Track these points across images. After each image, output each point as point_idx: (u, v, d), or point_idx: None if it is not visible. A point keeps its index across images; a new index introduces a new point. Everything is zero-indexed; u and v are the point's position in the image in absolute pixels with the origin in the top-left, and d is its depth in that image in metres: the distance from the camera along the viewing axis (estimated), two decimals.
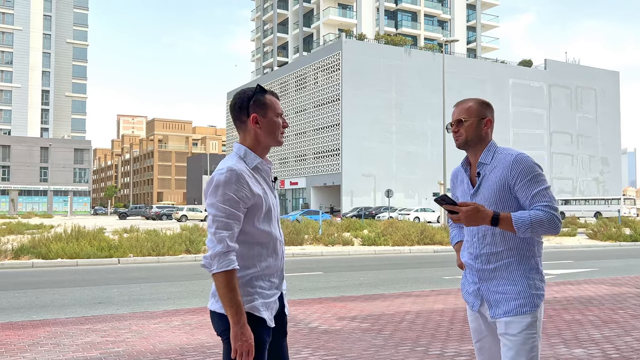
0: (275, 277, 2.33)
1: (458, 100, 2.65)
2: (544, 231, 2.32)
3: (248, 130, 2.32)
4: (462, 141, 2.54)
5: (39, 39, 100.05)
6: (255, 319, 2.22)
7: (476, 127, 2.52)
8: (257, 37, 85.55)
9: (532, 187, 2.36)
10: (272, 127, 2.31)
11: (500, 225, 2.31)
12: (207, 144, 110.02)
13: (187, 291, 9.63)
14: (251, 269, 2.25)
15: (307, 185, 60.29)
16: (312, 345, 5.40)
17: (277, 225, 2.35)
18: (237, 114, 2.32)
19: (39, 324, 6.53)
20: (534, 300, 2.40)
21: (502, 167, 2.43)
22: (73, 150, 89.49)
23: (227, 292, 2.13)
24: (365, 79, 56.74)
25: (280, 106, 2.35)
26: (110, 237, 18.66)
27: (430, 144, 58.97)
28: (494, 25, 79.68)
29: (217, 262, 2.14)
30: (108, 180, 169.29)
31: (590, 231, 23.68)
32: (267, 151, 2.35)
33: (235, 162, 2.24)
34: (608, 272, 12.16)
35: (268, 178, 2.35)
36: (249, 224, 2.23)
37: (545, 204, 2.33)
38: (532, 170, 2.38)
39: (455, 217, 2.31)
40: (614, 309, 7.20)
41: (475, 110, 2.53)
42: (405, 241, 19.51)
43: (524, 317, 2.37)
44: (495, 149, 2.51)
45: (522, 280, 2.42)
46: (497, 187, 2.42)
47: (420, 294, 8.63)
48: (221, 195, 2.16)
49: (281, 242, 2.37)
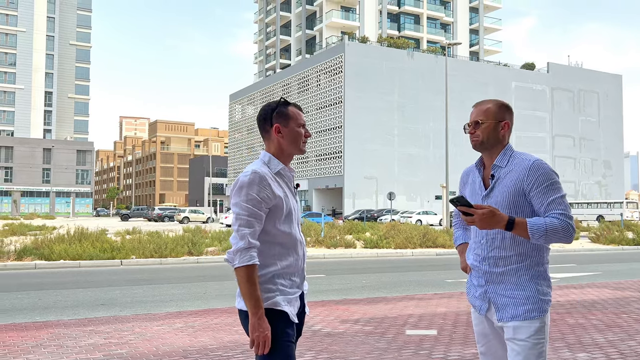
0: (296, 276, 2.45)
1: (476, 102, 2.63)
2: (558, 239, 2.30)
3: (272, 139, 2.48)
4: (478, 143, 2.52)
5: (42, 40, 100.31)
6: (277, 313, 2.33)
7: (493, 129, 2.49)
8: (259, 39, 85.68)
9: (548, 194, 2.34)
10: (294, 136, 2.47)
11: (515, 230, 2.28)
12: (209, 146, 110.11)
13: (190, 293, 9.63)
14: (272, 267, 2.37)
15: (309, 188, 60.29)
16: (315, 348, 5.40)
17: (297, 227, 2.49)
18: (262, 124, 2.50)
19: (42, 325, 6.53)
20: (542, 305, 2.39)
21: (519, 171, 2.41)
22: (75, 152, 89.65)
23: (248, 286, 2.26)
24: (368, 81, 56.77)
25: (302, 117, 2.50)
26: (112, 238, 18.67)
27: (433, 147, 58.96)
28: (496, 28, 79.72)
29: (239, 257, 2.28)
30: (110, 181, 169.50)
31: (593, 235, 23.64)
32: (290, 159, 2.51)
33: (260, 166, 2.41)
34: (611, 276, 12.13)
35: (290, 184, 2.50)
36: (271, 224, 2.37)
37: (561, 212, 2.32)
38: (549, 178, 2.36)
39: (470, 219, 2.28)
40: (617, 313, 7.18)
41: (494, 113, 2.51)
42: (408, 244, 19.49)
43: (533, 322, 2.36)
44: (512, 152, 2.49)
45: (530, 286, 2.40)
46: (511, 191, 2.40)
47: (423, 297, 8.61)
48: (245, 195, 2.32)
49: (302, 243, 2.50)
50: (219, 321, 6.72)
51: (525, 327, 2.35)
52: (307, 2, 74.21)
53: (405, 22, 72.89)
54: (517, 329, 2.36)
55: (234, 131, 78.19)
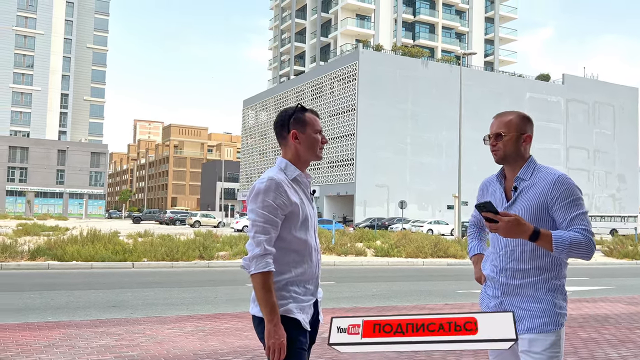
0: (310, 283, 2.43)
1: (498, 113, 2.61)
2: (579, 255, 2.29)
3: (289, 145, 2.48)
4: (501, 156, 2.51)
5: (60, 43, 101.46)
6: (289, 320, 2.32)
7: (515, 142, 2.48)
8: (274, 45, 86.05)
9: (572, 209, 2.33)
10: (310, 142, 2.46)
11: (539, 242, 2.26)
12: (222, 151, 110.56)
13: (200, 297, 9.66)
14: (286, 274, 2.36)
15: (321, 194, 60.29)
16: (325, 355, 5.39)
17: (313, 234, 2.47)
18: (279, 130, 2.49)
19: (54, 325, 6.59)
20: (558, 319, 2.38)
21: (543, 185, 2.40)
22: (90, 154, 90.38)
23: (264, 292, 2.26)
24: (382, 89, 56.78)
25: (319, 124, 2.49)
26: (124, 241, 18.78)
27: (445, 156, 58.75)
28: (512, 38, 79.44)
29: (254, 264, 2.28)
30: (123, 184, 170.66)
31: (607, 248, 23.39)
32: (307, 165, 2.50)
33: (276, 172, 2.39)
34: (624, 291, 12.00)
35: (307, 190, 2.48)
36: (286, 231, 2.35)
37: (584, 228, 2.31)
38: (573, 193, 2.36)
39: (494, 227, 2.26)
40: (630, 328, 7.10)
41: (516, 125, 2.49)
42: (419, 253, 19.41)
43: (548, 335, 2.35)
44: (535, 165, 2.49)
45: (547, 299, 2.39)
46: (534, 204, 2.39)
47: (434, 307, 8.57)
48: (261, 202, 2.31)
49: (317, 250, 2.49)
50: (229, 326, 6.73)
51: (541, 340, 2.34)
52: (323, 10, 74.47)
53: (420, 31, 72.88)
54: (533, 341, 2.35)
55: (247, 136, 78.46)
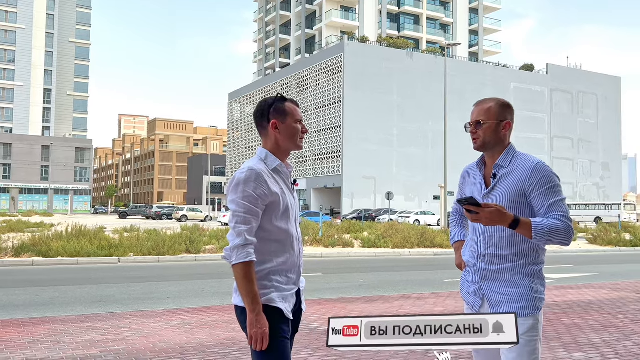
0: (292, 272, 2.44)
1: (479, 100, 2.60)
2: (558, 241, 2.31)
3: (269, 135, 2.47)
4: (480, 144, 2.51)
5: (41, 37, 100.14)
6: (272, 309, 2.33)
7: (495, 129, 2.48)
8: (259, 38, 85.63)
9: (550, 196, 2.35)
10: (291, 132, 2.45)
11: (519, 229, 2.28)
12: (208, 145, 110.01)
13: (187, 291, 9.63)
14: (268, 264, 2.36)
15: (308, 187, 60.29)
16: (311, 345, 5.41)
17: (294, 224, 2.47)
18: (259, 120, 2.48)
19: (39, 321, 6.54)
20: (535, 303, 2.41)
21: (521, 172, 2.42)
22: (74, 149, 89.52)
23: (245, 282, 2.26)
24: (367, 81, 56.78)
25: (299, 113, 2.48)
26: (110, 236, 18.66)
27: (432, 147, 58.98)
28: (496, 29, 79.74)
29: (236, 254, 2.27)
30: (109, 179, 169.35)
31: (591, 236, 23.68)
32: (287, 155, 2.50)
33: (256, 163, 2.39)
34: (608, 277, 12.16)
35: (287, 180, 2.49)
36: (267, 221, 2.36)
37: (562, 215, 2.33)
38: (551, 180, 2.38)
39: (475, 217, 2.27)
40: (613, 314, 7.20)
41: (495, 113, 2.49)
42: (406, 244, 19.51)
43: (526, 319, 2.38)
44: (514, 153, 2.50)
45: (524, 284, 2.41)
46: (512, 191, 2.41)
47: (420, 297, 8.63)
48: (241, 192, 2.31)
49: (298, 240, 2.49)
50: (216, 318, 6.73)
51: (520, 324, 2.36)
52: (307, 2, 74.16)
53: (405, 23, 72.89)
54: None
55: (233, 130, 78.15)
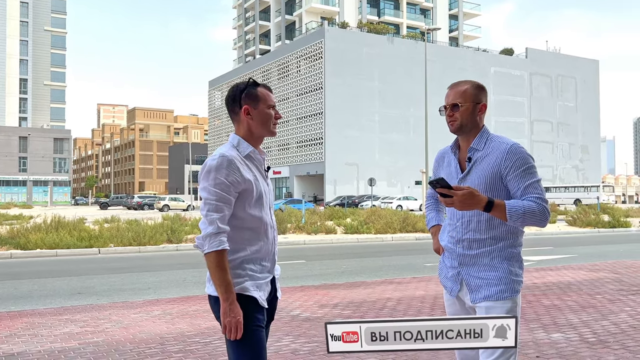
0: (266, 260, 2.40)
1: (453, 82, 2.57)
2: (534, 222, 2.31)
3: (241, 121, 2.41)
4: (457, 126, 2.48)
5: (15, 26, 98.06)
6: (246, 298, 2.30)
7: (472, 112, 2.46)
8: (238, 24, 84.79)
9: (525, 178, 2.34)
10: (263, 118, 2.40)
11: (493, 212, 2.28)
12: (189, 133, 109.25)
13: (168, 281, 9.57)
14: (241, 252, 2.33)
15: (291, 174, 60.20)
16: (293, 332, 5.40)
17: (269, 211, 2.43)
18: (231, 105, 2.42)
19: (17, 314, 6.44)
20: (514, 286, 2.41)
21: (496, 155, 2.40)
22: (52, 140, 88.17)
23: (218, 271, 2.23)
24: (348, 67, 56.62)
25: (272, 98, 2.43)
26: (90, 227, 18.44)
27: (413, 133, 59.14)
28: (476, 13, 79.85)
29: (208, 243, 2.24)
30: (89, 170, 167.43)
31: (570, 218, 24.00)
32: (260, 141, 2.44)
33: (228, 149, 2.34)
34: (587, 258, 12.33)
35: (261, 167, 2.44)
36: (240, 209, 2.31)
37: (538, 196, 2.33)
38: (526, 162, 2.36)
39: (449, 201, 2.26)
40: (591, 294, 7.30)
41: (471, 95, 2.47)
42: (388, 229, 19.60)
43: (505, 302, 2.38)
44: (489, 135, 2.48)
45: (502, 267, 2.41)
46: (488, 174, 2.40)
47: (402, 281, 8.67)
48: (212, 179, 2.26)
49: (273, 227, 2.45)
50: (197, 308, 6.69)
51: (498, 307, 2.37)
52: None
53: (385, 8, 72.66)
54: (490, 309, 2.38)
55: (214, 118, 77.57)
